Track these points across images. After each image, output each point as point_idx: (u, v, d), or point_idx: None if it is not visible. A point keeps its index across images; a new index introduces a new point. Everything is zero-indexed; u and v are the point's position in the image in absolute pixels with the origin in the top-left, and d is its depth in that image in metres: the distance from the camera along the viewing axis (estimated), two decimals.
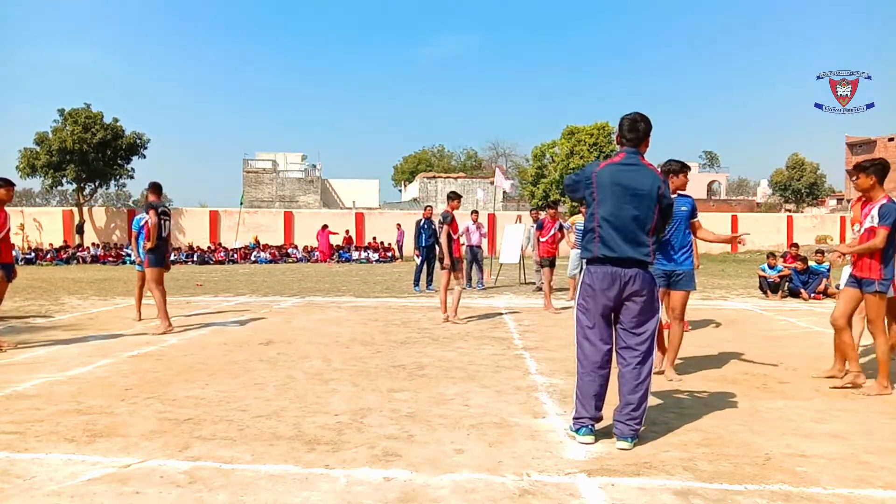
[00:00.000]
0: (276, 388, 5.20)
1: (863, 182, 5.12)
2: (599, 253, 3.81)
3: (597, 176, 3.85)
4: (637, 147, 3.93)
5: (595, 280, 3.83)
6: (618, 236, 3.76)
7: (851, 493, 3.11)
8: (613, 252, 3.76)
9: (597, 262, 3.85)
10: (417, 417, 4.37)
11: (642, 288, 3.79)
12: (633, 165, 3.85)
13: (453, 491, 3.12)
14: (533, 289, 13.70)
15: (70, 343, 7.32)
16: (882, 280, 4.97)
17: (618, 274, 3.77)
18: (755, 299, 12.22)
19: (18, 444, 3.81)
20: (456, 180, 45.45)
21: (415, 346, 7.14)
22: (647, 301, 3.82)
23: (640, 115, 3.95)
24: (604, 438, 3.88)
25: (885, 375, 5.07)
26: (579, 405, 3.87)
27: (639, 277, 3.78)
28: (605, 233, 3.79)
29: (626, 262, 3.77)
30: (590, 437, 3.81)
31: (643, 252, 3.79)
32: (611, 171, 3.85)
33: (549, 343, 7.31)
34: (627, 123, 3.94)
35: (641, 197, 3.76)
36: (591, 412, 3.82)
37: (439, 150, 68.52)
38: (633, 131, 3.92)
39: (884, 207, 4.94)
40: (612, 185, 3.79)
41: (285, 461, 3.52)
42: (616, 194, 3.77)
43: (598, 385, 3.83)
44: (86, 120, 30.12)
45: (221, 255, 28.06)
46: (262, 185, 43.64)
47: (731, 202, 54.16)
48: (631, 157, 3.89)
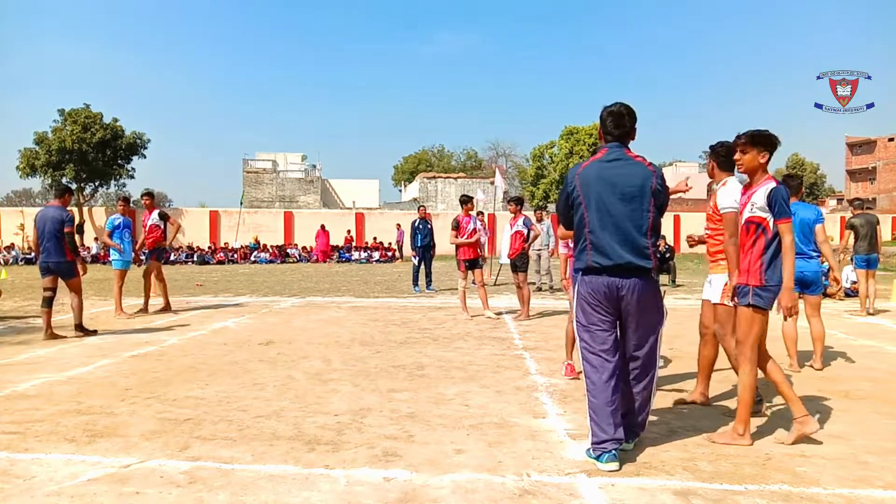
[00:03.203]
0: (276, 388, 5.20)
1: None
2: (593, 262, 3.47)
3: (580, 177, 3.53)
4: (623, 140, 3.59)
5: (590, 292, 3.51)
6: (612, 241, 3.42)
7: (851, 493, 3.11)
8: (609, 259, 3.42)
9: (591, 272, 3.50)
10: (417, 417, 4.37)
11: (643, 298, 3.46)
12: (620, 160, 3.50)
13: (453, 491, 3.12)
14: (533, 289, 13.70)
15: (70, 343, 7.32)
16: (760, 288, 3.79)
17: (614, 284, 3.44)
18: None
19: (18, 444, 3.81)
20: (456, 180, 45.43)
21: (415, 346, 7.14)
22: (650, 310, 3.52)
23: (625, 108, 3.59)
24: (627, 463, 3.53)
25: (742, 420, 3.83)
26: (596, 427, 3.43)
27: (638, 286, 3.44)
28: (596, 238, 3.45)
29: (624, 270, 3.43)
30: (614, 463, 3.34)
31: (643, 256, 3.43)
32: (596, 169, 3.51)
33: (549, 343, 7.31)
34: (612, 118, 3.58)
35: (633, 194, 3.42)
36: (612, 433, 3.39)
37: (439, 150, 68.58)
38: (618, 127, 3.57)
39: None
40: (599, 184, 3.46)
41: (285, 461, 3.52)
42: (604, 194, 3.44)
43: (614, 404, 3.44)
44: (85, 120, 30.16)
45: (221, 256, 28.07)
46: (262, 185, 43.63)
47: None
48: (615, 151, 3.55)
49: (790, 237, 3.69)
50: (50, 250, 7.60)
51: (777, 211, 3.70)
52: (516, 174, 53.87)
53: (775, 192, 3.72)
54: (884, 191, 55.42)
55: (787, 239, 3.69)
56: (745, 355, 3.82)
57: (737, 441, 3.77)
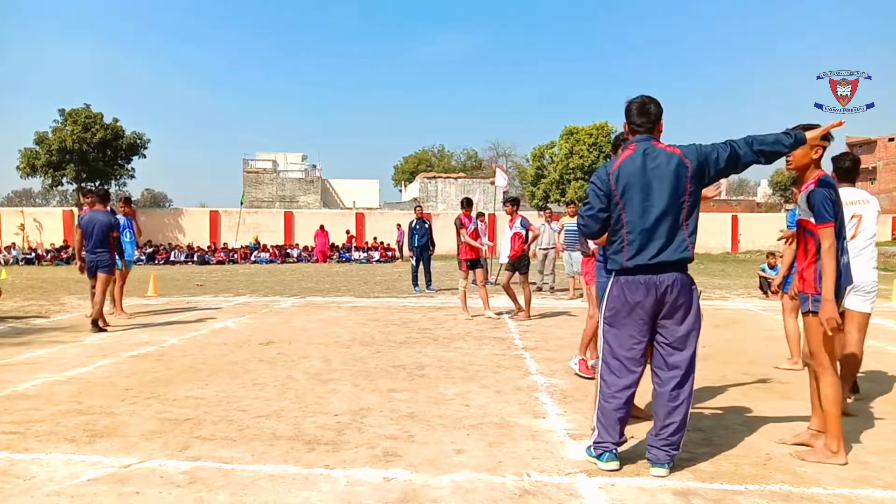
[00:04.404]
0: (276, 388, 5.20)
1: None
2: (630, 263, 3.32)
3: (614, 176, 3.38)
4: (650, 133, 3.45)
5: (626, 292, 3.34)
6: (650, 237, 3.29)
7: (851, 493, 3.11)
8: (647, 257, 3.29)
9: (627, 272, 3.35)
10: (417, 417, 4.37)
11: (682, 294, 3.30)
12: (651, 152, 3.35)
13: (453, 491, 3.12)
14: (533, 288, 13.69)
15: (70, 343, 7.32)
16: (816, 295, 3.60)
17: (653, 282, 3.29)
18: (755, 299, 12.22)
19: (18, 444, 3.81)
20: (456, 180, 45.41)
21: (415, 346, 7.14)
22: (690, 310, 3.34)
23: (649, 98, 3.48)
24: (627, 463, 3.48)
25: (835, 436, 3.56)
26: (601, 429, 3.41)
27: (678, 283, 3.28)
28: (633, 237, 3.32)
29: (664, 266, 3.28)
30: (614, 462, 3.37)
31: (681, 250, 3.28)
32: (627, 165, 3.37)
33: (549, 343, 7.31)
34: (636, 107, 3.46)
35: (668, 186, 3.27)
36: (615, 437, 3.39)
37: (439, 150, 68.50)
38: (643, 115, 3.44)
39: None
40: (633, 180, 3.32)
41: (285, 461, 3.52)
42: (638, 190, 3.30)
43: (624, 411, 3.39)
44: (86, 120, 30.18)
45: (222, 256, 28.07)
46: (262, 186, 43.63)
47: (731, 202, 54.11)
48: (644, 143, 3.40)
49: (829, 241, 3.45)
50: (97, 251, 8.44)
51: (816, 214, 3.50)
52: (516, 174, 53.84)
53: (812, 195, 3.52)
54: (884, 191, 55.41)
55: (824, 244, 3.46)
56: (822, 364, 3.59)
57: (830, 460, 3.49)
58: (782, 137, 3.36)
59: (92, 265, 8.48)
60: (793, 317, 5.98)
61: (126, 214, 10.34)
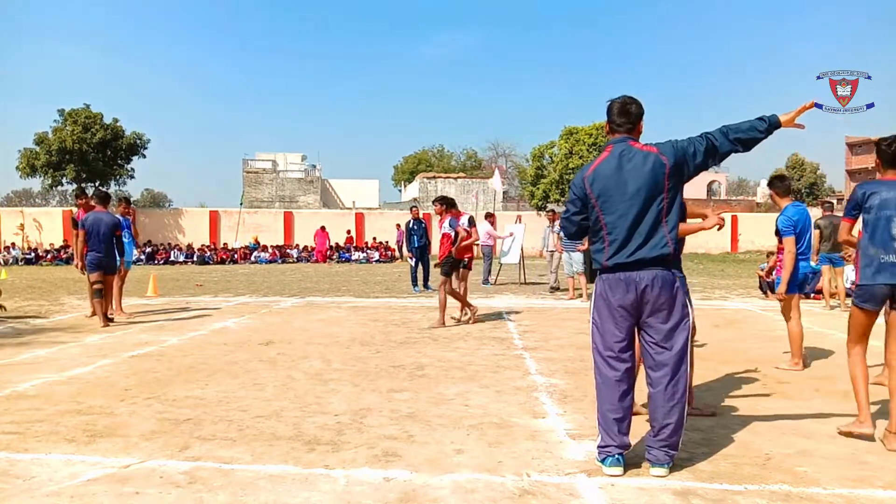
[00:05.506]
0: (276, 388, 5.20)
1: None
2: (609, 262, 3.38)
3: (589, 179, 3.42)
4: (630, 133, 3.47)
5: (607, 290, 3.40)
6: (629, 237, 3.32)
7: (851, 493, 3.11)
8: (626, 255, 3.33)
9: (609, 271, 3.40)
10: (417, 417, 4.37)
11: (663, 292, 3.31)
12: (626, 153, 3.37)
13: (453, 491, 3.12)
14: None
15: (70, 343, 7.32)
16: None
17: (632, 279, 3.32)
18: (755, 299, 12.22)
19: (18, 444, 3.81)
20: (456, 180, 45.44)
21: (415, 346, 7.14)
22: (673, 307, 3.34)
23: (630, 98, 3.51)
24: (627, 464, 3.44)
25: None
26: (603, 433, 3.40)
27: (658, 280, 3.31)
28: (613, 237, 3.36)
29: (641, 264, 3.32)
30: (618, 467, 3.32)
31: (660, 247, 3.31)
32: (603, 168, 3.40)
33: (549, 343, 7.31)
34: (617, 107, 3.49)
35: (644, 185, 3.29)
36: (618, 439, 3.35)
37: (439, 150, 68.47)
38: (623, 115, 3.46)
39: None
40: (609, 181, 3.35)
41: (285, 461, 3.52)
42: (616, 191, 3.33)
43: (622, 409, 3.38)
44: (85, 120, 30.18)
45: (224, 254, 28.07)
46: (261, 186, 43.64)
47: (731, 202, 54.09)
48: (620, 144, 3.42)
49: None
50: (102, 250, 8.82)
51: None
52: (516, 174, 53.82)
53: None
54: None
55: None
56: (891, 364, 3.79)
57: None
58: (757, 123, 3.44)
59: (96, 263, 8.76)
60: (797, 318, 6.00)
61: (125, 215, 10.35)
